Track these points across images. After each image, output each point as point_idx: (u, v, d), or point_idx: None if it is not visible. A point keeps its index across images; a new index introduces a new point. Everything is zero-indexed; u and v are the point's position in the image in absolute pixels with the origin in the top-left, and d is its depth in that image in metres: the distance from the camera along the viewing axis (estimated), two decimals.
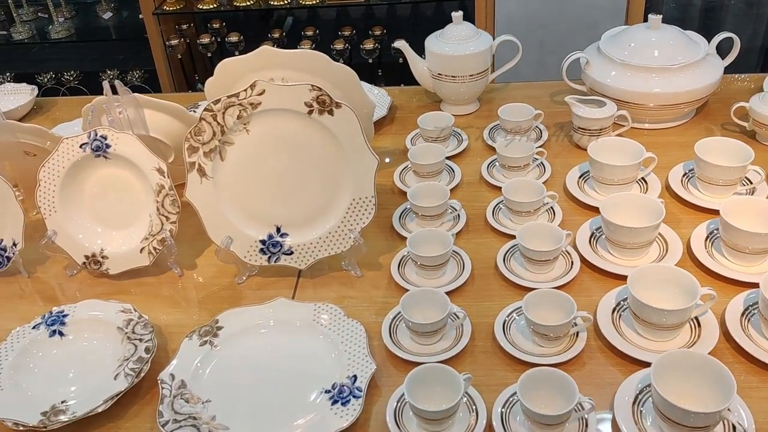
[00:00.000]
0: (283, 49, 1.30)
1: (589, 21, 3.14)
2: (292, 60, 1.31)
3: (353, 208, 1.26)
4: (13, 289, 1.38)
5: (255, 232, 1.29)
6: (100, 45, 4.04)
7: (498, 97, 1.84)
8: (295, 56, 1.31)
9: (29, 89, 1.98)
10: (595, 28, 3.18)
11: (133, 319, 1.21)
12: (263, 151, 1.24)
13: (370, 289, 1.29)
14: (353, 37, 3.47)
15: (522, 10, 3.19)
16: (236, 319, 1.21)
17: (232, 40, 3.45)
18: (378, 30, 3.46)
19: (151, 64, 3.52)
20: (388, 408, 1.02)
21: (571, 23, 3.17)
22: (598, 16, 3.16)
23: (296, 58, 1.31)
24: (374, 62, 3.35)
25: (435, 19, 4.40)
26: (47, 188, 1.32)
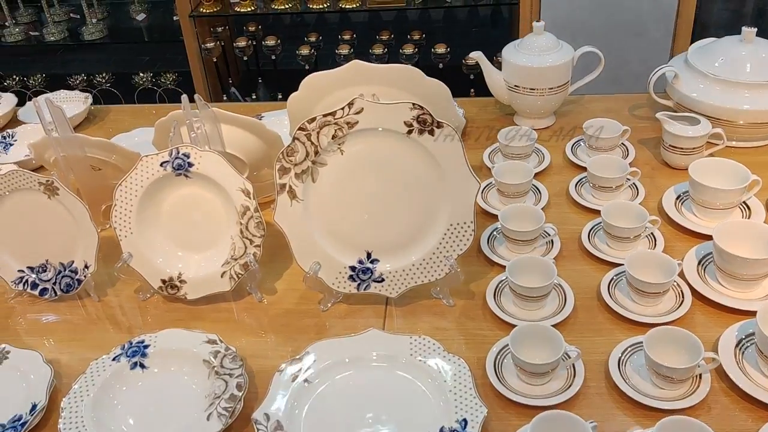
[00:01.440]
0: (374, 64, 1.23)
1: (636, 27, 3.06)
2: (383, 74, 1.24)
3: (450, 234, 1.18)
4: (82, 313, 1.31)
5: (345, 257, 1.22)
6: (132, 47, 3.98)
7: (574, 110, 1.76)
8: (387, 71, 1.24)
9: (82, 97, 1.92)
10: (643, 34, 3.11)
11: (220, 351, 1.13)
12: (357, 172, 1.17)
13: (464, 320, 1.21)
14: (391, 41, 3.39)
15: (567, 16, 3.11)
16: (328, 352, 1.14)
17: (269, 43, 3.38)
18: (417, 34, 3.38)
19: (184, 66, 3.45)
20: None
21: (618, 30, 3.08)
22: (646, 23, 3.07)
23: (388, 73, 1.24)
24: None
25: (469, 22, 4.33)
26: (124, 208, 1.25)
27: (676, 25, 3.07)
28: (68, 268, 1.30)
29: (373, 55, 3.25)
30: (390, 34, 3.39)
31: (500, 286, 1.24)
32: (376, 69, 1.24)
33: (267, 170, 1.47)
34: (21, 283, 1.32)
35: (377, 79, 1.25)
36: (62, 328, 1.28)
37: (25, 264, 1.31)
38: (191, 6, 3.29)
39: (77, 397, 1.08)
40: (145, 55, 4.06)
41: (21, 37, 3.59)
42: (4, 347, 1.20)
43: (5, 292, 1.35)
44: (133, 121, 1.90)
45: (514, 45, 1.65)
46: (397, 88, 1.25)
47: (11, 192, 1.26)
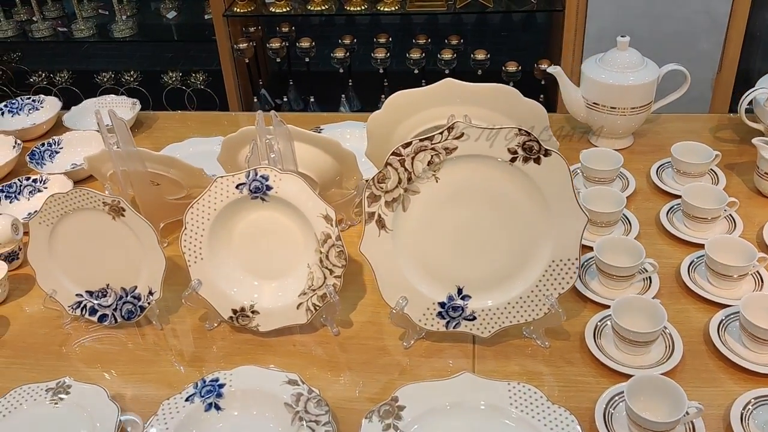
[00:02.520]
0: (467, 82, 1.14)
1: (686, 36, 2.96)
2: (478, 94, 1.15)
3: (552, 271, 1.09)
4: (144, 342, 1.22)
5: (434, 293, 1.12)
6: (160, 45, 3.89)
7: (652, 130, 1.66)
8: (481, 90, 1.15)
9: (130, 102, 1.82)
10: (692, 44, 3.01)
11: (302, 393, 1.04)
12: (452, 202, 1.08)
13: (561, 363, 1.12)
14: (428, 45, 3.30)
15: (614, 25, 3.01)
16: (419, 398, 1.04)
17: (304, 45, 3.29)
18: (454, 39, 3.29)
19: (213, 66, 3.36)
20: None
21: (666, 39, 2.98)
22: (695, 31, 2.97)
23: (484, 93, 1.15)
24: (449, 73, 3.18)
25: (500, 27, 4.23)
26: (194, 232, 1.16)
27: (727, 36, 2.97)
28: (130, 294, 1.21)
29: (411, 60, 3.16)
30: (426, 38, 3.29)
31: (599, 327, 1.15)
32: (469, 88, 1.15)
33: (335, 190, 1.38)
34: (79, 308, 1.23)
35: (469, 99, 1.16)
36: (123, 358, 1.19)
37: (83, 288, 1.23)
38: (225, 5, 3.20)
39: None
40: (173, 54, 3.97)
41: (49, 32, 3.50)
42: (64, 381, 1.11)
43: (60, 317, 1.26)
44: (182, 129, 1.81)
45: (595, 60, 1.56)
46: (489, 109, 1.16)
47: (73, 212, 1.17)
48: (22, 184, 1.53)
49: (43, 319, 1.27)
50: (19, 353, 1.21)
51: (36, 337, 1.24)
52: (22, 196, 1.53)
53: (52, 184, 1.54)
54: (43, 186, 1.54)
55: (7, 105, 1.86)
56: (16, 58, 3.77)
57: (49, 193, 1.53)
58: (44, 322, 1.27)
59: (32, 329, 1.26)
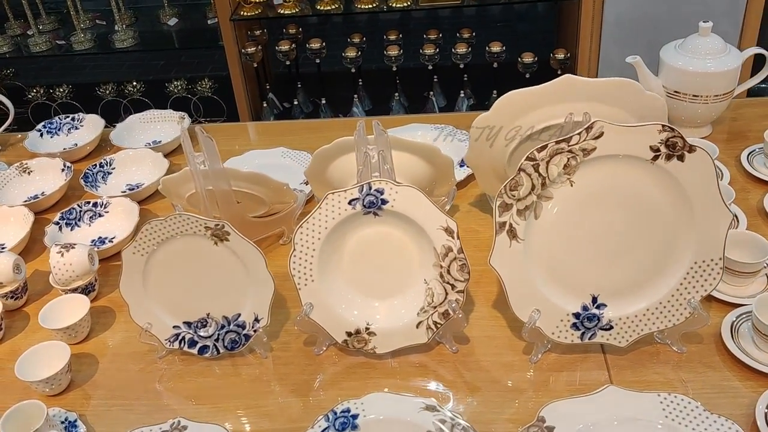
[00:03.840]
0: (587, 78, 1.07)
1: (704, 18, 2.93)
2: (599, 90, 1.08)
3: (694, 273, 1.03)
4: (251, 374, 1.14)
5: (567, 303, 1.06)
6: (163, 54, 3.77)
7: (728, 117, 1.61)
8: (605, 85, 1.08)
9: (176, 116, 1.73)
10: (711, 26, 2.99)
11: (445, 420, 0.98)
12: (587, 206, 1.02)
13: (702, 369, 1.07)
14: (440, 40, 3.23)
15: (632, 10, 2.98)
16: (567, 416, 0.98)
17: (314, 46, 3.20)
18: (466, 32, 3.23)
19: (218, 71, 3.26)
20: None
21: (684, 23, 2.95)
22: (713, 15, 2.94)
23: (605, 88, 1.09)
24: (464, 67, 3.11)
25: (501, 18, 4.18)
26: (304, 253, 1.08)
27: (745, 18, 2.95)
28: (234, 323, 1.13)
29: (425, 56, 3.09)
30: (438, 33, 3.23)
31: (734, 326, 1.10)
32: (591, 83, 1.09)
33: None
34: (177, 340, 1.14)
35: (588, 95, 1.10)
36: (230, 392, 1.11)
37: (181, 319, 1.14)
38: (231, 9, 3.10)
39: None
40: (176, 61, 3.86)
41: (46, 46, 3.37)
42: (179, 421, 1.03)
43: (151, 351, 1.18)
44: (232, 141, 1.72)
45: (674, 47, 1.50)
46: (609, 105, 1.10)
47: (170, 239, 1.08)
48: (82, 209, 1.44)
49: (134, 355, 1.19)
50: (115, 394, 1.13)
51: (130, 374, 1.16)
52: (83, 223, 1.44)
53: (114, 207, 1.44)
54: (104, 210, 1.45)
55: (45, 126, 1.76)
56: (11, 74, 3.64)
57: (112, 217, 1.44)
58: (135, 357, 1.18)
59: (124, 366, 1.17)
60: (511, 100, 1.12)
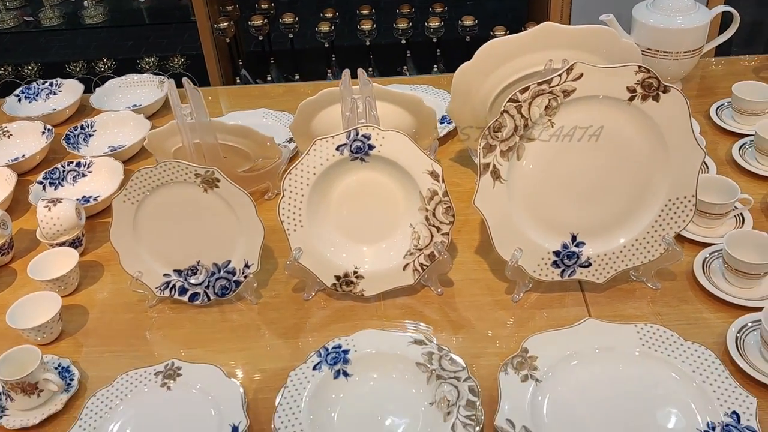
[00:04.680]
0: (567, 25, 1.11)
1: None
2: (576, 38, 1.12)
3: (668, 210, 1.08)
4: (242, 319, 1.16)
5: (548, 242, 1.10)
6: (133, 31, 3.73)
7: (697, 75, 1.67)
8: (581, 33, 1.12)
9: (156, 81, 1.74)
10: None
11: (433, 352, 1.01)
12: (567, 146, 1.05)
13: (676, 302, 1.12)
14: (412, 14, 3.25)
15: None
16: (549, 347, 1.02)
17: (287, 21, 3.19)
18: (439, 7, 3.25)
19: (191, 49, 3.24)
20: None
21: None
22: None
23: (582, 36, 1.13)
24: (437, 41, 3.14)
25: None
26: (293, 199, 1.11)
27: None
28: (224, 269, 1.15)
29: (398, 30, 3.11)
30: (411, 8, 3.25)
31: (707, 263, 1.15)
32: (568, 31, 1.12)
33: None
34: (167, 288, 1.16)
35: (566, 42, 1.13)
36: (221, 337, 1.13)
37: (171, 267, 1.16)
38: None
39: (288, 415, 0.95)
40: (146, 39, 3.82)
41: (14, 23, 3.32)
42: (172, 362, 1.05)
43: (142, 301, 1.19)
44: (213, 103, 1.73)
45: (646, 5, 1.55)
46: (588, 52, 1.13)
47: (160, 187, 1.10)
48: (65, 169, 1.45)
49: (124, 305, 1.20)
50: (106, 341, 1.14)
51: (120, 323, 1.17)
52: (66, 182, 1.44)
53: (98, 167, 1.45)
54: (87, 170, 1.45)
55: (23, 91, 1.76)
56: None
57: (95, 176, 1.45)
58: (126, 307, 1.20)
59: (114, 316, 1.19)
60: (492, 48, 1.16)
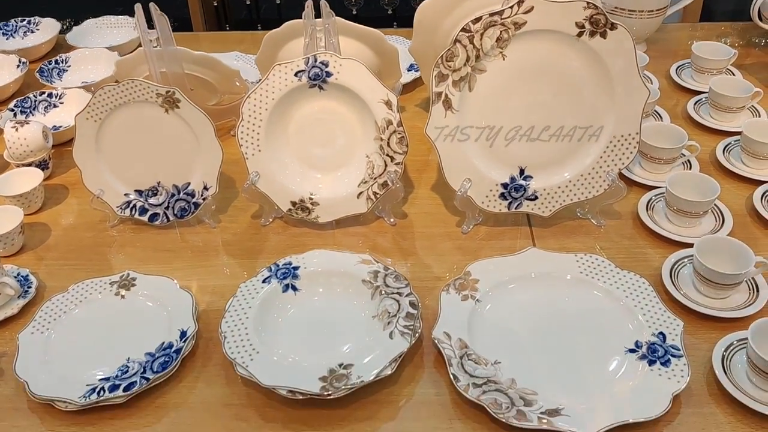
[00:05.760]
0: None
1: None
2: None
3: (613, 147, 1.12)
4: (200, 241, 1.19)
5: (496, 174, 1.14)
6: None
7: (660, 38, 1.71)
8: None
9: (132, 22, 1.76)
10: None
11: (379, 270, 1.05)
12: (518, 80, 1.09)
13: (618, 239, 1.16)
14: None
15: None
16: (491, 271, 1.06)
17: None
18: None
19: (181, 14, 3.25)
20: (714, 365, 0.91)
21: None
22: None
23: None
24: None
25: None
26: (252, 123, 1.14)
27: None
28: (183, 191, 1.18)
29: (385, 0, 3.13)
30: None
31: (651, 204, 1.19)
32: None
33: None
34: (128, 208, 1.20)
35: None
36: (179, 256, 1.17)
37: (132, 187, 1.19)
38: None
39: (235, 321, 0.98)
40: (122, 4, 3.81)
41: None
42: (127, 273, 1.08)
43: (104, 221, 1.23)
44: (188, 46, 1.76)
45: None
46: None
47: (123, 105, 1.13)
48: (37, 99, 1.47)
49: (86, 224, 1.24)
50: (67, 256, 1.18)
51: (82, 241, 1.21)
52: (38, 112, 1.47)
53: (69, 99, 1.48)
54: (59, 101, 1.48)
55: (1, 27, 1.77)
56: None
57: (66, 107, 1.48)
58: (87, 227, 1.23)
59: (76, 233, 1.22)
60: None
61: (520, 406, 0.88)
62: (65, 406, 0.90)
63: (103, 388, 0.91)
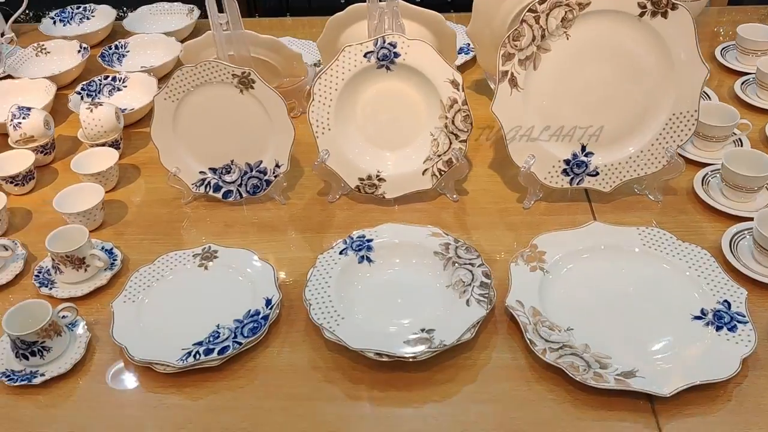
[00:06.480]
0: None
1: None
2: None
3: (672, 124, 1.16)
4: (271, 217, 1.24)
5: (559, 151, 1.18)
6: None
7: (702, 21, 1.74)
8: None
9: (186, 9, 1.81)
10: None
11: (450, 243, 1.10)
12: (580, 59, 1.13)
13: (675, 213, 1.20)
14: None
15: None
16: (556, 244, 1.11)
17: None
18: None
19: None
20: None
21: None
22: None
23: None
24: None
25: None
26: (322, 103, 1.19)
27: None
28: (256, 169, 1.23)
29: None
30: None
31: (706, 180, 1.23)
32: None
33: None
34: (203, 185, 1.25)
35: None
36: (253, 230, 1.22)
37: (207, 165, 1.24)
38: None
39: (317, 289, 1.03)
40: None
41: None
42: (209, 246, 1.14)
43: (177, 198, 1.28)
44: None
45: None
46: None
47: (199, 86, 1.18)
48: (102, 82, 1.52)
49: (160, 201, 1.29)
50: (145, 230, 1.23)
51: (158, 217, 1.26)
52: (103, 95, 1.52)
53: (133, 82, 1.53)
54: (122, 84, 1.53)
55: (57, 14, 1.83)
56: None
57: (130, 91, 1.53)
58: (162, 204, 1.28)
59: (151, 210, 1.27)
60: None
61: (596, 368, 0.92)
62: (163, 368, 0.95)
63: (198, 352, 0.96)
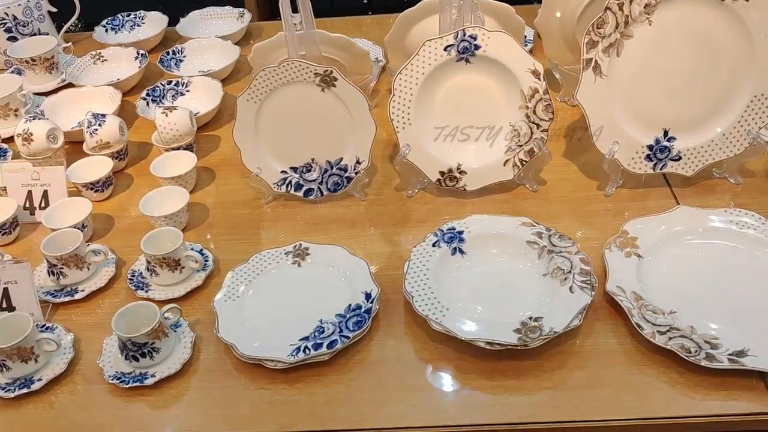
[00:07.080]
0: None
1: None
2: None
3: (753, 106, 1.16)
4: (352, 213, 1.25)
5: (642, 136, 1.19)
6: None
7: None
8: None
9: (236, 13, 1.82)
10: None
11: (542, 232, 1.10)
12: (663, 44, 1.14)
13: (757, 194, 1.21)
14: None
15: None
16: (647, 230, 1.11)
17: None
18: None
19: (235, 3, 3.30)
20: None
21: None
22: None
23: None
24: None
25: None
26: (402, 98, 1.19)
27: None
28: (336, 166, 1.24)
29: None
30: None
31: None
32: None
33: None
34: (284, 184, 1.25)
35: None
36: (336, 226, 1.22)
37: (287, 165, 1.25)
38: None
39: (417, 281, 1.04)
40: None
41: None
42: (300, 244, 1.14)
43: (256, 198, 1.29)
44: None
45: None
46: None
47: (281, 86, 1.18)
48: (165, 87, 1.53)
49: (239, 203, 1.30)
50: (229, 230, 1.24)
51: (240, 217, 1.26)
52: (167, 100, 1.53)
53: (195, 86, 1.54)
54: (185, 89, 1.54)
55: (108, 23, 1.84)
56: None
57: (194, 95, 1.54)
58: (241, 204, 1.29)
59: (232, 211, 1.28)
60: None
61: (707, 349, 0.93)
62: (274, 365, 0.96)
63: (306, 347, 0.97)
